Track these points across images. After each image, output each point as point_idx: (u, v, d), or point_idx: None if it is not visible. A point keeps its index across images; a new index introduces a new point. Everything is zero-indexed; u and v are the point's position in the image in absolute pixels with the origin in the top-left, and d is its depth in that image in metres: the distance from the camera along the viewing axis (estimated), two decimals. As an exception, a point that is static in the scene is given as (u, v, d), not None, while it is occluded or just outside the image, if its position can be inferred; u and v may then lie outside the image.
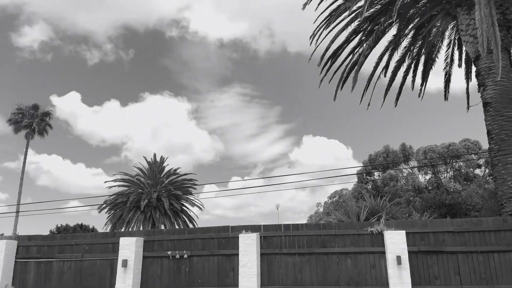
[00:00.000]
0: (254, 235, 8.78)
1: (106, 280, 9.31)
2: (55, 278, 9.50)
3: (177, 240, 9.39)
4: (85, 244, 9.67)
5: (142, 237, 9.47)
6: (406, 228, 8.43)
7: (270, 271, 8.78)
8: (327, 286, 8.46)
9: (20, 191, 25.21)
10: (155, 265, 9.28)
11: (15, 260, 9.67)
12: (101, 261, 9.46)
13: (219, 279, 8.93)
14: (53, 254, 9.64)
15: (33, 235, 10.02)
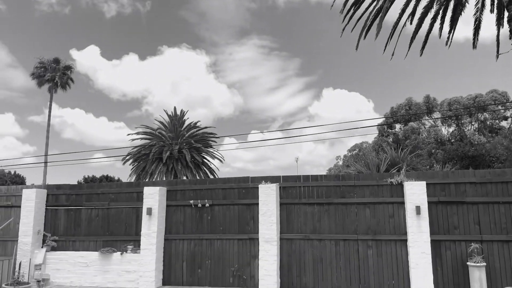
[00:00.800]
0: (274, 185, 8.91)
1: (132, 227, 9.75)
2: (84, 224, 10.00)
3: (199, 190, 9.64)
4: (111, 193, 10.05)
5: (165, 186, 9.75)
6: (426, 179, 8.39)
7: (289, 220, 8.99)
8: (345, 234, 8.64)
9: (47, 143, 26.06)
10: (178, 213, 9.62)
11: (45, 207, 10.17)
12: (127, 209, 9.86)
13: (240, 227, 9.22)
14: (81, 202, 10.09)
15: (61, 184, 10.45)
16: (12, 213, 10.32)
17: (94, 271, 9.41)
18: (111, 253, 9.41)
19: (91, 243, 9.87)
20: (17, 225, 10.03)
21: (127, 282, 9.16)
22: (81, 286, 9.33)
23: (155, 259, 9.09)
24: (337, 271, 8.54)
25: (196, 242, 9.39)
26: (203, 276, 9.17)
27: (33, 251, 9.65)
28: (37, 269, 9.45)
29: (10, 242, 10.10)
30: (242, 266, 9.01)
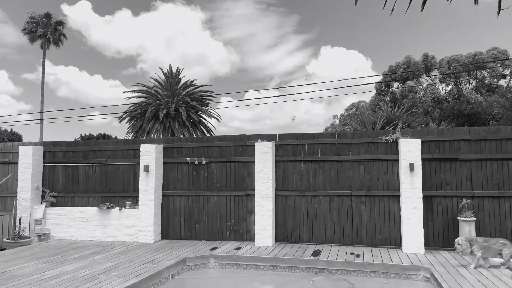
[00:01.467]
0: (270, 143, 8.95)
1: (130, 184, 9.87)
2: (82, 181, 10.11)
3: (196, 147, 9.68)
4: (108, 151, 10.09)
5: (162, 144, 9.78)
6: (421, 136, 8.44)
7: (285, 177, 9.11)
8: (340, 191, 8.80)
9: (42, 101, 25.81)
10: (175, 170, 9.72)
11: (43, 164, 10.24)
12: (124, 166, 9.94)
13: (236, 184, 9.36)
14: (78, 159, 10.14)
15: (58, 141, 10.45)
16: (10, 169, 10.39)
17: (93, 226, 9.63)
18: (110, 208, 9.59)
19: (89, 199, 10.03)
20: (16, 181, 10.13)
21: (126, 236, 9.41)
22: (81, 240, 9.59)
23: (153, 214, 9.29)
24: (330, 225, 8.78)
25: (193, 198, 9.55)
26: (200, 230, 9.42)
27: (33, 206, 9.81)
28: (37, 224, 9.66)
29: (10, 198, 10.25)
30: (238, 221, 9.23)
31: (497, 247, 6.55)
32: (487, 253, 6.59)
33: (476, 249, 6.58)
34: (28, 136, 64.16)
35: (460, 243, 6.67)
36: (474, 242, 6.64)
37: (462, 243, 6.65)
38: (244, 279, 7.19)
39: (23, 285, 5.72)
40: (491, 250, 6.58)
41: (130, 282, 5.84)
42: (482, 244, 6.59)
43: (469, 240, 6.70)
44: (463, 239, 6.71)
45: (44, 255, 7.84)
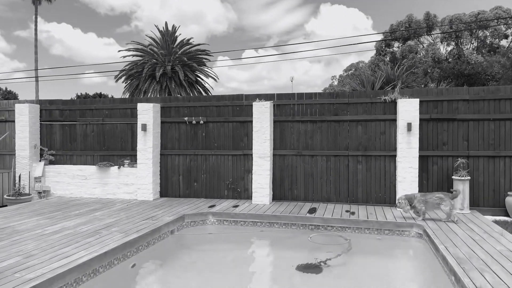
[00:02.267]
0: (268, 103, 8.90)
1: (128, 143, 9.89)
2: (80, 139, 10.12)
3: (193, 107, 9.63)
4: (105, 109, 10.02)
5: (159, 103, 9.72)
6: (420, 96, 8.40)
7: (283, 136, 9.14)
8: (337, 150, 8.86)
9: (36, 59, 25.30)
10: (173, 129, 9.71)
11: (40, 122, 10.19)
12: (122, 125, 9.92)
13: (234, 143, 9.40)
14: (75, 118, 10.09)
15: (54, 99, 10.35)
16: (7, 127, 10.36)
17: (93, 184, 9.74)
18: (109, 167, 9.67)
19: (88, 157, 10.08)
20: (13, 139, 10.13)
21: (125, 194, 9.55)
22: (81, 197, 9.73)
23: (152, 173, 9.38)
24: (327, 184, 8.91)
25: (191, 157, 9.62)
26: (199, 189, 9.55)
27: (31, 164, 9.88)
28: (37, 182, 9.76)
29: (8, 156, 10.29)
30: (236, 180, 9.35)
31: (434, 201, 7.08)
32: (426, 207, 7.13)
33: (417, 204, 7.12)
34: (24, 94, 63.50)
35: (400, 201, 7.24)
36: (413, 198, 7.19)
37: (401, 201, 7.22)
38: (242, 235, 7.39)
39: (25, 240, 5.86)
40: (428, 204, 7.12)
41: (131, 237, 5.99)
42: (421, 198, 7.14)
43: (408, 197, 7.23)
44: (403, 198, 7.25)
45: (45, 212, 7.98)
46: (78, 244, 5.63)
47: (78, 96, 41.50)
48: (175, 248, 6.83)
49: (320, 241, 6.86)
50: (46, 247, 5.46)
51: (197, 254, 6.64)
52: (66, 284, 4.55)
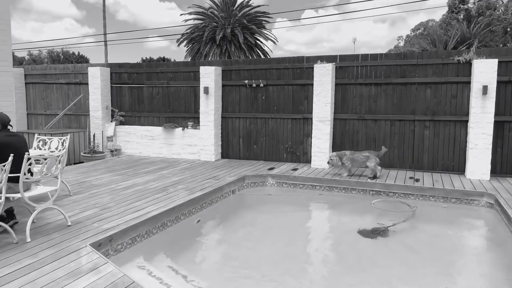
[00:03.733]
0: (330, 65, 8.64)
1: (191, 105, 10.20)
2: (147, 102, 10.59)
3: (253, 70, 9.61)
4: (169, 72, 10.34)
5: (220, 66, 9.82)
6: (499, 56, 7.67)
7: (344, 100, 8.89)
8: (402, 115, 8.48)
9: (104, 24, 26.47)
10: (233, 92, 9.82)
11: (110, 85, 10.78)
12: (185, 88, 10.21)
13: (294, 107, 9.33)
14: (142, 81, 10.54)
15: (122, 63, 10.85)
16: (82, 89, 11.09)
17: (159, 144, 10.26)
18: (174, 128, 10.08)
19: (154, 119, 10.57)
20: (87, 100, 10.85)
21: (189, 154, 9.96)
22: (149, 156, 10.31)
23: (214, 135, 9.65)
24: (390, 149, 8.63)
25: (251, 120, 9.73)
26: (258, 151, 9.70)
27: (104, 124, 10.57)
28: (109, 141, 10.47)
29: (83, 116, 11.08)
30: (295, 144, 9.35)
31: (360, 159, 7.69)
32: (354, 164, 7.77)
33: (345, 161, 7.71)
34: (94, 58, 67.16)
35: (332, 158, 7.80)
36: (343, 155, 7.76)
37: (333, 158, 7.79)
38: (301, 198, 7.47)
39: (102, 193, 6.38)
40: (356, 161, 7.73)
41: (196, 195, 6.29)
42: (349, 156, 7.72)
43: (339, 154, 7.79)
44: (334, 155, 7.82)
45: (117, 169, 8.59)
46: (148, 199, 6.02)
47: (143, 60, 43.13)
48: (236, 207, 7.09)
49: (384, 207, 6.74)
50: (119, 201, 5.91)
51: (257, 214, 6.84)
52: (138, 235, 4.93)
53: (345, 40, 78.73)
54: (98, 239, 4.29)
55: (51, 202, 4.64)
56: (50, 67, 11.81)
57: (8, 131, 4.54)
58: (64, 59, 40.85)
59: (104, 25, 26.04)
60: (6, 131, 4.52)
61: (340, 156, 7.77)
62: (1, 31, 7.51)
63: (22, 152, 4.28)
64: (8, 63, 7.75)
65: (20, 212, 4.96)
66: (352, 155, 7.73)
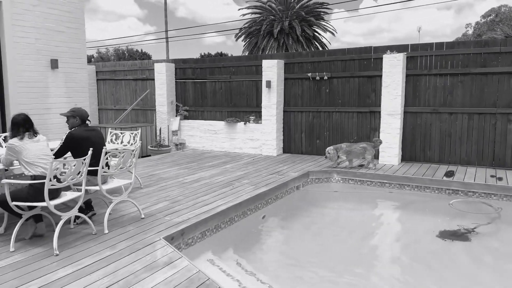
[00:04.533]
0: (400, 55, 8.14)
1: (253, 99, 10.14)
2: (210, 96, 10.71)
3: (317, 62, 9.34)
4: (232, 67, 10.36)
5: (283, 59, 9.65)
6: None
7: (416, 92, 8.36)
8: (482, 107, 7.80)
9: (166, 21, 27.35)
10: (296, 86, 9.62)
11: (175, 80, 11.03)
12: (247, 82, 10.17)
13: (360, 100, 8.94)
14: (205, 76, 10.66)
15: (186, 58, 11.05)
16: (148, 85, 11.46)
17: (221, 138, 10.34)
18: (236, 122, 10.10)
19: (217, 113, 10.66)
20: (153, 96, 11.19)
21: (251, 148, 9.93)
22: (212, 150, 10.44)
23: (276, 129, 9.53)
24: (467, 145, 7.98)
25: (314, 114, 9.47)
26: (321, 146, 9.43)
27: (169, 119, 10.85)
28: (174, 135, 10.74)
29: (150, 111, 11.46)
30: (361, 138, 8.96)
31: (358, 151, 7.73)
32: (350, 156, 7.80)
33: (341, 154, 7.74)
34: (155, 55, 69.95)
35: (330, 152, 7.72)
36: (339, 149, 7.75)
37: (331, 152, 7.71)
38: (369, 196, 7.13)
39: (171, 186, 6.51)
40: (353, 153, 7.76)
41: (261, 190, 6.21)
42: (346, 149, 7.73)
43: (336, 148, 7.75)
44: (332, 149, 7.74)
45: (183, 162, 8.76)
46: (215, 193, 6.04)
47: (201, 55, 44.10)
48: (300, 203, 6.92)
49: (465, 208, 6.23)
50: (188, 194, 5.98)
51: (323, 210, 6.64)
52: (208, 229, 4.94)
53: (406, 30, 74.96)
54: (171, 233, 4.34)
55: (126, 195, 4.77)
56: (119, 64, 12.34)
57: (86, 126, 4.72)
58: (129, 56, 42.89)
59: (166, 23, 26.88)
60: (85, 125, 4.70)
61: (337, 149, 7.76)
62: (76, 30, 7.91)
63: (100, 146, 4.41)
64: (83, 61, 8.15)
65: (96, 203, 5.16)
66: (349, 147, 7.75)
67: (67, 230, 4.39)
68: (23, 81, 7.04)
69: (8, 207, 3.85)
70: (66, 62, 7.72)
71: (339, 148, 7.77)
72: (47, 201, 3.77)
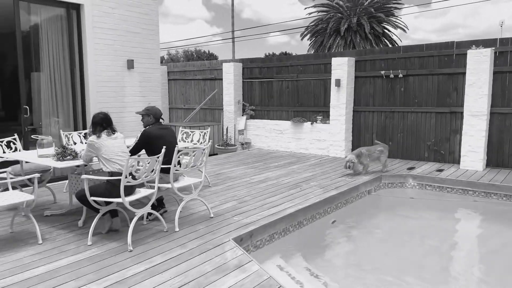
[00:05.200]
0: (487, 50, 7.39)
1: (321, 98, 9.84)
2: (276, 96, 10.58)
3: (391, 59, 8.82)
4: (299, 65, 10.14)
5: (354, 57, 9.24)
6: None
7: (505, 91, 7.55)
8: None
9: (232, 22, 27.73)
10: (367, 85, 9.16)
11: (242, 80, 11.05)
12: (315, 81, 9.89)
13: (439, 99, 8.28)
14: (272, 75, 10.55)
15: (253, 58, 11.03)
16: (216, 85, 11.62)
17: (287, 138, 10.16)
18: (302, 122, 9.87)
19: (283, 113, 10.51)
20: (221, 95, 11.31)
21: (317, 149, 9.64)
22: (277, 150, 10.30)
23: (344, 129, 9.15)
24: None
25: (386, 114, 8.96)
26: (394, 148, 8.89)
27: (236, 118, 10.89)
28: (240, 134, 10.76)
29: (217, 110, 11.61)
30: (439, 141, 8.31)
31: (376, 155, 7.23)
32: (370, 161, 7.22)
33: (364, 160, 7.09)
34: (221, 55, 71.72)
35: (353, 161, 6.89)
36: (360, 155, 7.06)
37: (354, 161, 6.91)
38: (450, 204, 6.54)
39: (238, 186, 6.46)
40: (372, 157, 7.21)
41: (330, 194, 5.94)
42: (366, 153, 7.11)
43: (358, 155, 7.02)
44: (354, 157, 6.93)
45: (249, 162, 8.71)
46: (282, 194, 5.87)
47: (266, 55, 44.32)
48: (372, 208, 6.54)
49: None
50: (255, 195, 5.88)
51: (396, 218, 6.21)
52: (276, 232, 4.79)
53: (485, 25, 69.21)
54: (239, 234, 4.25)
55: (197, 194, 4.77)
56: (189, 64, 12.66)
57: (160, 124, 4.79)
58: (197, 57, 44.29)
59: (232, 24, 27.28)
60: (158, 124, 4.77)
61: (359, 156, 7.05)
62: (151, 31, 8.18)
63: (172, 144, 4.44)
64: (156, 61, 8.42)
65: (166, 201, 5.23)
66: (369, 151, 7.19)
67: (140, 226, 4.47)
68: (102, 80, 7.40)
69: (86, 202, 3.98)
70: (141, 62, 8.01)
71: (360, 154, 7.08)
72: (123, 198, 3.84)
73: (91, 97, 7.27)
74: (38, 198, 5.59)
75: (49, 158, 4.44)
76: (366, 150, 7.19)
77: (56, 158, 4.35)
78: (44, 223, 4.61)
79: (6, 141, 5.28)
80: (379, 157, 7.29)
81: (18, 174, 4.92)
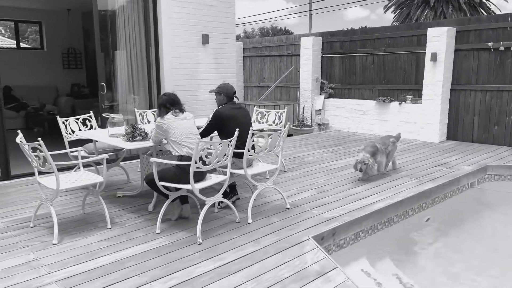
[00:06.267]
0: None
1: (411, 75, 8.74)
2: (359, 72, 9.63)
3: (501, 28, 7.45)
4: (387, 38, 9.06)
5: (454, 26, 7.97)
6: None
7: None
8: None
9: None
10: (470, 59, 7.88)
11: (321, 55, 10.23)
12: (405, 55, 8.78)
13: None
14: (355, 49, 9.61)
15: (334, 31, 10.13)
16: (292, 61, 10.94)
17: (370, 120, 9.25)
18: (389, 102, 8.88)
19: (366, 91, 9.56)
20: (298, 72, 10.64)
21: (406, 133, 8.60)
22: (358, 132, 9.45)
23: (440, 111, 8.03)
24: None
25: (493, 94, 7.66)
26: (500, 134, 7.61)
27: (313, 97, 10.18)
28: (317, 114, 10.05)
29: (293, 89, 10.97)
30: (562, 127, 6.89)
31: (390, 148, 5.73)
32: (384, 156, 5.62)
33: (380, 157, 5.52)
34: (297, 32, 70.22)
35: (368, 161, 5.27)
36: (377, 152, 5.48)
37: (369, 162, 5.27)
38: None
39: (316, 172, 5.87)
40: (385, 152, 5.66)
41: (426, 187, 5.11)
42: (382, 148, 5.59)
43: (372, 153, 5.39)
44: (368, 157, 5.31)
45: (327, 145, 8.03)
46: (368, 185, 5.17)
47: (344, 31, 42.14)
48: (476, 205, 5.58)
49: None
50: (336, 184, 5.25)
51: (503, 217, 5.20)
52: (362, 230, 4.15)
53: None
54: (320, 232, 3.68)
55: (271, 182, 4.28)
56: (265, 40, 12.10)
57: (233, 103, 4.32)
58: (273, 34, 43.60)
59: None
60: (232, 103, 4.30)
61: (374, 154, 5.42)
62: (226, 4, 7.71)
63: (247, 126, 3.97)
64: (232, 36, 7.97)
65: (239, 186, 4.82)
66: (384, 145, 5.67)
67: (211, 214, 4.11)
68: (177, 56, 7.14)
69: (155, 187, 3.69)
70: (216, 37, 7.61)
71: (376, 151, 5.46)
72: (192, 185, 3.47)
73: (166, 75, 7.05)
74: (112, 177, 5.55)
75: (119, 138, 4.21)
76: (382, 145, 5.63)
77: (125, 138, 4.11)
78: (115, 205, 4.45)
79: (82, 118, 5.21)
80: (391, 151, 5.78)
81: (92, 152, 4.82)
